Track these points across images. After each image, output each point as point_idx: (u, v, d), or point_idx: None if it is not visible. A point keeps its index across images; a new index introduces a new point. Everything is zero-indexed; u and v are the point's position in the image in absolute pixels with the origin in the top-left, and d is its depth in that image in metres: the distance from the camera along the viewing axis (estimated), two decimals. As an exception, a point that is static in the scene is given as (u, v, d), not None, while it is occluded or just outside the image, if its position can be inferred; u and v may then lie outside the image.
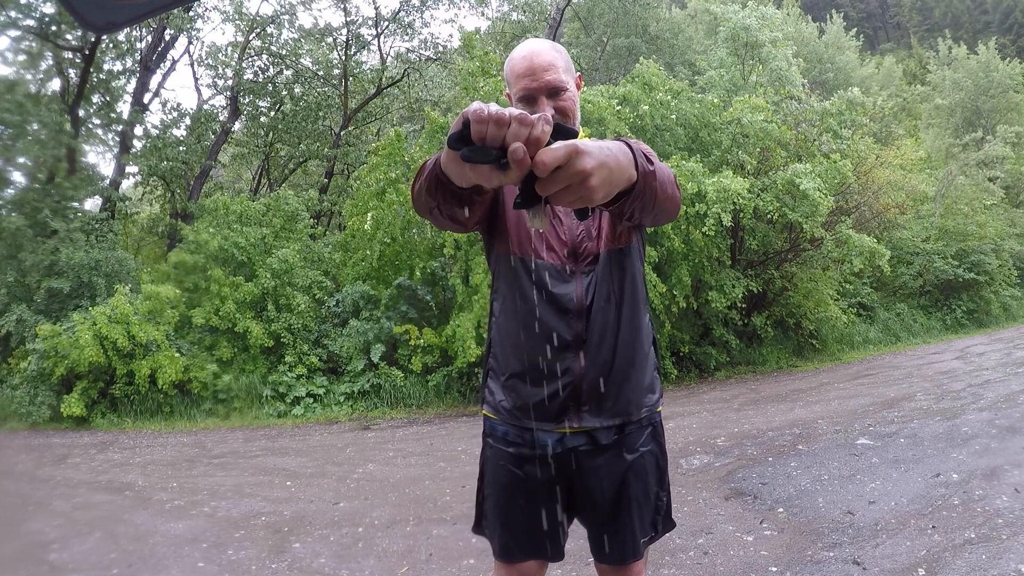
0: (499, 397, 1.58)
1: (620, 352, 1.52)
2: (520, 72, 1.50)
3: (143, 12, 0.93)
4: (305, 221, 12.57)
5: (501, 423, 1.58)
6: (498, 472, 1.59)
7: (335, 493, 5.17)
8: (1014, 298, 17.81)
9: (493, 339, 1.62)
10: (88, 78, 13.00)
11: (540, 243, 1.51)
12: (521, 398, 1.53)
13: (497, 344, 1.60)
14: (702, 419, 7.17)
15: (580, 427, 1.51)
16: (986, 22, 48.28)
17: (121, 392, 9.35)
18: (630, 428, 1.56)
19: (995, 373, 8.67)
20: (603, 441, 1.53)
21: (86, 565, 3.87)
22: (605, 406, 1.51)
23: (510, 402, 1.55)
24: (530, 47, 1.52)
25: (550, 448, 1.51)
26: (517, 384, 1.53)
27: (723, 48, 13.82)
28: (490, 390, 1.62)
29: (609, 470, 1.54)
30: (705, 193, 8.96)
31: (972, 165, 19.47)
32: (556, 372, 1.47)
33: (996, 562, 3.01)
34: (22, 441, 8.58)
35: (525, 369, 1.51)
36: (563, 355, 1.48)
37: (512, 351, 1.54)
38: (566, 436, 1.51)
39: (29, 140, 11.81)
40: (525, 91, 1.50)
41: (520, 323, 1.51)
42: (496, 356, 1.60)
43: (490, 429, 1.61)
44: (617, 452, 1.54)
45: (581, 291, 1.50)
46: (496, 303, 1.62)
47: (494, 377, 1.61)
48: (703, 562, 3.31)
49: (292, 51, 15.53)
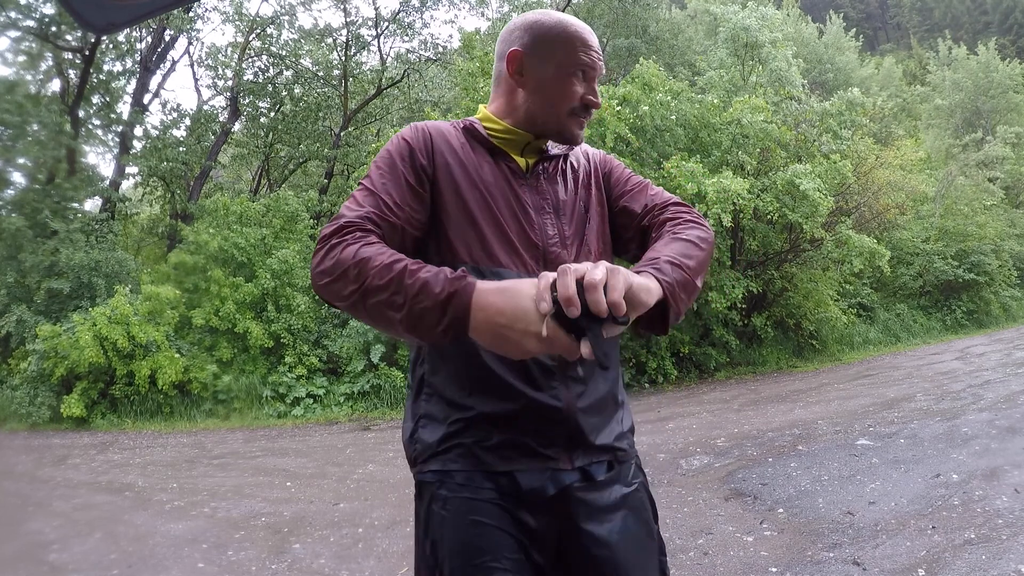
0: (453, 442, 1.19)
1: (605, 376, 1.25)
2: (582, 42, 1.24)
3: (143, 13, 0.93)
4: (305, 222, 12.57)
5: (460, 468, 1.18)
6: (470, 534, 1.14)
7: (335, 494, 5.17)
8: (1014, 298, 17.81)
9: (430, 380, 1.23)
10: (88, 79, 13.01)
11: (501, 246, 1.19)
12: (495, 438, 1.17)
13: (439, 384, 1.21)
14: (702, 420, 7.17)
15: (572, 467, 1.20)
16: (986, 22, 48.30)
17: (121, 393, 9.35)
18: (619, 461, 1.27)
19: (995, 374, 8.66)
20: (598, 477, 1.22)
21: (86, 565, 3.87)
22: (597, 438, 1.22)
23: (473, 443, 1.18)
24: (572, 19, 1.27)
25: (551, 487, 1.18)
26: (483, 424, 1.18)
27: (723, 49, 13.83)
28: (430, 441, 1.21)
29: (607, 509, 1.22)
30: (705, 193, 8.96)
31: (972, 165, 19.46)
32: (541, 405, 1.17)
33: (996, 562, 3.01)
34: (22, 442, 8.58)
35: (495, 406, 1.17)
36: (547, 384, 1.18)
37: (472, 389, 1.18)
38: (559, 475, 1.19)
39: (29, 141, 11.82)
40: (586, 67, 1.24)
41: (479, 351, 1.14)
42: (441, 398, 1.21)
43: (440, 480, 1.19)
44: (611, 488, 1.24)
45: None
46: None
47: (435, 425, 1.21)
48: (703, 562, 3.31)
49: (292, 52, 15.53)
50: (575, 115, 1.26)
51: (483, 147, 1.27)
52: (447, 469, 1.18)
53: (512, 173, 1.26)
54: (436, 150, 1.23)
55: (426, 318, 0.96)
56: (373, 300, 1.00)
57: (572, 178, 1.33)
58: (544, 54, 1.24)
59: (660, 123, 10.24)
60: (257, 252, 11.19)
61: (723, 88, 12.31)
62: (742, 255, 11.33)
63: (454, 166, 1.23)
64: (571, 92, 1.24)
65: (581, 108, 1.25)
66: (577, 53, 1.23)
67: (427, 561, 1.20)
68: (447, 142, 1.25)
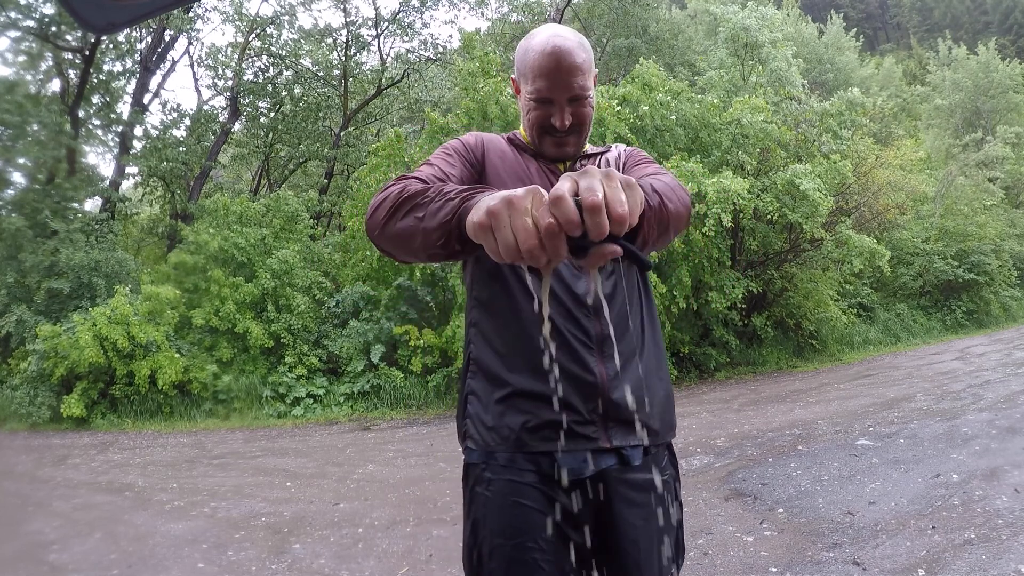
0: (497, 422, 1.25)
1: (647, 358, 1.29)
2: (542, 71, 1.27)
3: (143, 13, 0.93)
4: (305, 222, 12.58)
5: (504, 450, 1.24)
6: (510, 515, 1.20)
7: (335, 494, 5.17)
8: (1014, 298, 17.81)
9: (477, 357, 1.32)
10: (88, 79, 13.01)
11: None
12: (535, 417, 1.22)
13: (486, 361, 1.29)
14: (702, 420, 7.17)
15: (611, 446, 1.23)
16: (986, 22, 48.31)
17: (121, 393, 9.35)
18: (655, 447, 1.30)
19: (995, 374, 8.66)
20: (634, 462, 1.25)
21: (86, 566, 3.87)
22: (633, 416, 1.25)
23: (516, 423, 1.23)
24: (555, 41, 1.26)
25: (590, 467, 1.21)
26: (522, 403, 1.23)
27: (723, 49, 13.84)
28: (477, 419, 1.29)
29: (642, 496, 1.25)
30: (705, 193, 8.96)
31: (972, 165, 19.47)
32: (580, 382, 1.22)
33: (996, 562, 3.01)
34: (22, 442, 8.57)
35: (533, 384, 1.22)
36: (583, 362, 1.23)
37: (512, 365, 1.25)
38: (597, 456, 1.22)
39: (29, 141, 11.82)
40: (543, 95, 1.29)
41: (520, 329, 1.24)
42: (485, 375, 1.29)
43: (484, 461, 1.26)
44: (647, 474, 1.26)
45: (595, 286, 1.26)
46: (477, 312, 1.34)
47: (480, 402, 1.29)
48: (703, 562, 3.31)
49: (292, 52, 15.54)
50: (546, 134, 1.34)
51: (526, 152, 1.41)
52: (491, 450, 1.25)
53: (551, 172, 1.38)
54: (487, 149, 1.39)
55: (439, 214, 1.01)
56: (406, 209, 1.07)
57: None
58: (522, 78, 1.35)
59: (660, 123, 10.24)
60: (257, 252, 11.20)
61: (723, 88, 12.32)
62: (742, 255, 11.33)
63: (499, 163, 1.37)
64: (534, 116, 1.33)
65: (550, 128, 1.33)
66: (537, 82, 1.29)
67: (467, 541, 1.27)
68: (496, 146, 1.40)
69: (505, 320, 1.29)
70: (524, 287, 1.28)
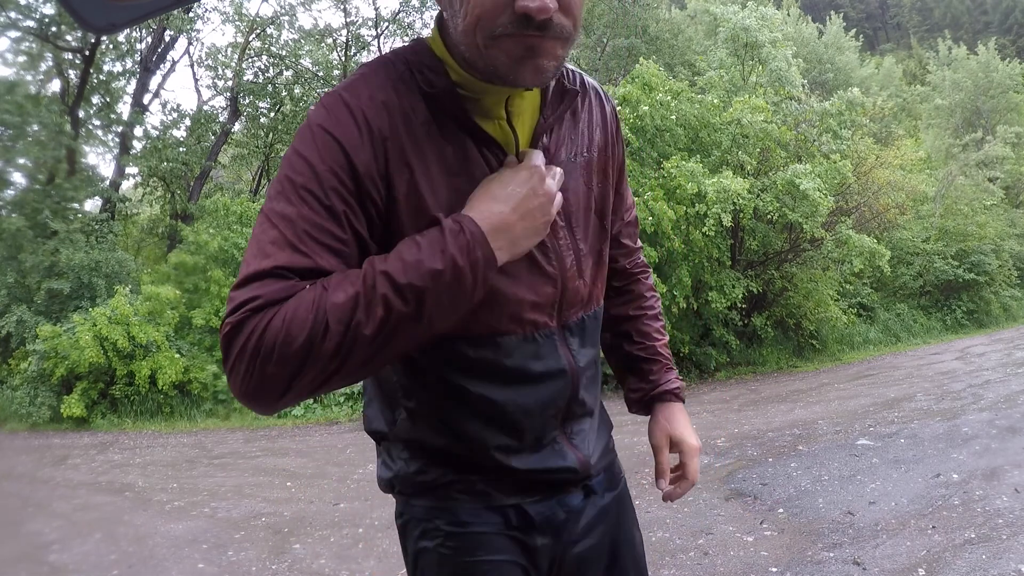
0: (453, 476, 0.96)
1: (597, 399, 1.08)
2: None
3: (143, 13, 0.93)
4: (305, 222, 12.55)
5: (468, 502, 0.96)
6: (473, 571, 0.95)
7: (335, 494, 5.17)
8: (1014, 298, 17.80)
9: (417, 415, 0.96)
10: (88, 79, 13.02)
11: (518, 304, 0.88)
12: (508, 469, 0.95)
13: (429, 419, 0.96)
14: (702, 420, 7.17)
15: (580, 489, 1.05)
16: (986, 22, 48.33)
17: (121, 393, 9.35)
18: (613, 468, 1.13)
19: (995, 373, 8.66)
20: (598, 489, 1.06)
21: (86, 566, 3.88)
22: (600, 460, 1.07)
23: (479, 479, 0.96)
24: None
25: (560, 514, 1.01)
26: (493, 456, 0.94)
27: (723, 49, 13.82)
28: (415, 467, 0.97)
29: (601, 517, 1.06)
30: (705, 193, 8.96)
31: (972, 165, 19.46)
32: (557, 444, 1.00)
33: (996, 562, 3.01)
34: (22, 442, 8.58)
35: (504, 445, 0.94)
36: (547, 442, 0.99)
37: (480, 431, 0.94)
38: (567, 497, 1.02)
39: (29, 141, 11.83)
40: None
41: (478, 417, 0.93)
42: (427, 426, 0.95)
43: (436, 517, 0.96)
44: (606, 495, 1.08)
45: (571, 358, 0.96)
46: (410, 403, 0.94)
47: (420, 452, 0.97)
48: (703, 563, 3.31)
49: (292, 52, 15.55)
50: (509, 35, 0.74)
51: (456, 124, 0.83)
52: (445, 506, 0.96)
53: (493, 157, 0.85)
54: (388, 142, 0.80)
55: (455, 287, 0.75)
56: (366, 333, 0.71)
57: (583, 158, 0.96)
58: None
59: (660, 123, 10.24)
60: (257, 252, 11.20)
61: (723, 88, 12.31)
62: (742, 255, 11.33)
63: (416, 162, 0.81)
64: (487, 3, 0.73)
65: (513, 21, 0.73)
66: None
67: None
68: (394, 118, 0.81)
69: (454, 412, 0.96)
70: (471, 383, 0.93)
